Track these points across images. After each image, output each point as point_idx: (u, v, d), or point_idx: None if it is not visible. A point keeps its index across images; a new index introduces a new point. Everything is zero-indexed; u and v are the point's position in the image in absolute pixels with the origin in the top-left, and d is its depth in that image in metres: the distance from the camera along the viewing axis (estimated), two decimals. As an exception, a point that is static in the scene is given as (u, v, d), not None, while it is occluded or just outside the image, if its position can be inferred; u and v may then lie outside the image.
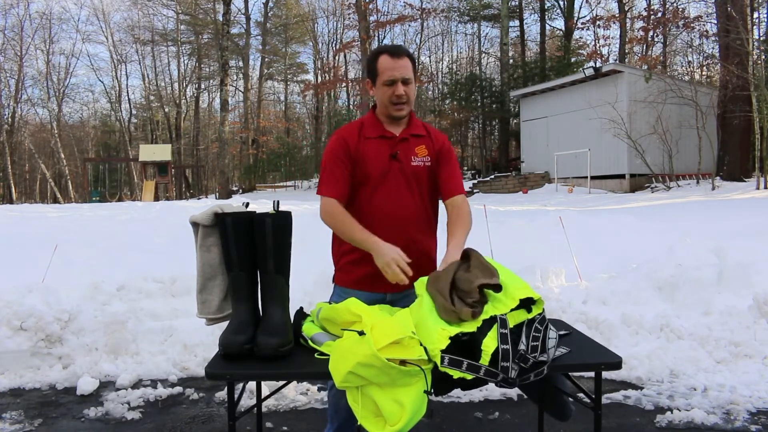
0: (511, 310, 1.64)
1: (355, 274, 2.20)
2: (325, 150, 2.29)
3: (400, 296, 2.20)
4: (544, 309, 1.73)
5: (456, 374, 1.52)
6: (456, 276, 1.79)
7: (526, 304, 1.70)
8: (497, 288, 1.71)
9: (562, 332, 1.96)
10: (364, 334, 1.54)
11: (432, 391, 1.60)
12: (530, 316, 1.68)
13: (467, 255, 1.91)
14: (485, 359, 1.52)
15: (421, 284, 1.85)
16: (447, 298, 1.69)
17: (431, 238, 2.33)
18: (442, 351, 1.52)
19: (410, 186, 2.22)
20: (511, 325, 1.62)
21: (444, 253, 2.04)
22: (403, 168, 2.21)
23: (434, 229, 2.36)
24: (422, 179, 2.25)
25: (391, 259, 1.97)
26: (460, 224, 2.17)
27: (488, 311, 1.62)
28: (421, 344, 1.58)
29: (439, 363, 1.52)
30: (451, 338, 1.54)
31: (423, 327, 1.61)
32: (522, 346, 1.55)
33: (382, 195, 2.20)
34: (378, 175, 2.20)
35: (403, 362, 1.52)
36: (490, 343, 1.54)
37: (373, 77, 2.21)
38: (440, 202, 2.33)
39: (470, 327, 1.58)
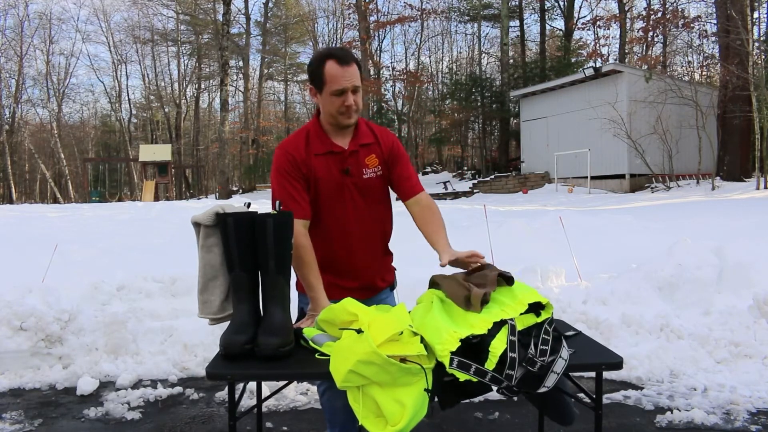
0: (520, 314, 1.65)
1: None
2: (273, 167, 2.13)
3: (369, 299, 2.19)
4: (552, 314, 1.73)
5: (463, 377, 1.52)
6: (468, 275, 1.85)
7: (535, 309, 1.70)
8: (510, 280, 1.77)
9: (569, 333, 1.95)
10: (362, 332, 1.54)
11: (436, 398, 1.59)
12: (539, 320, 1.67)
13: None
14: (492, 362, 1.51)
15: (430, 293, 1.86)
16: (461, 282, 1.77)
17: (388, 249, 2.32)
18: (452, 353, 1.52)
19: (366, 200, 2.17)
20: (520, 327, 1.61)
21: (439, 255, 2.01)
22: (356, 182, 2.14)
23: (389, 239, 2.32)
24: (376, 191, 2.19)
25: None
26: (437, 223, 2.14)
27: (498, 314, 1.62)
28: (421, 341, 1.58)
29: (447, 364, 1.52)
30: (461, 340, 1.54)
31: (433, 328, 1.61)
32: (531, 351, 1.55)
33: (340, 212, 2.15)
34: (332, 192, 2.13)
35: (403, 360, 1.52)
36: (498, 345, 1.53)
37: (318, 84, 2.04)
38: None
39: (481, 329, 1.58)
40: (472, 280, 1.80)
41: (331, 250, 2.17)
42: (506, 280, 1.78)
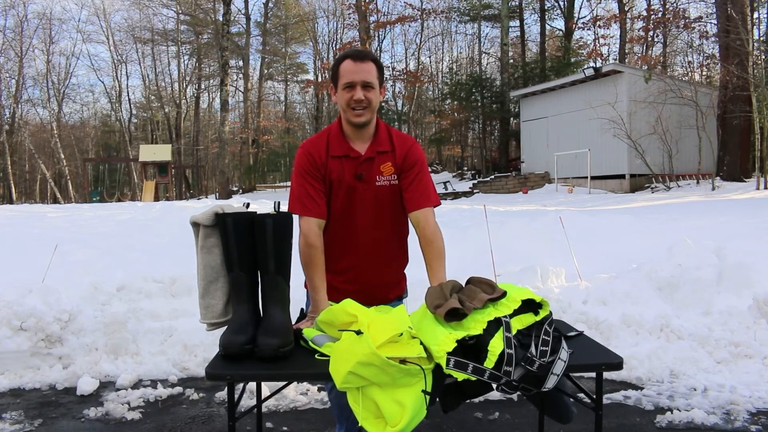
0: (515, 311, 1.64)
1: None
2: (294, 166, 2.17)
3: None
4: (551, 312, 1.72)
5: (461, 376, 1.52)
6: (462, 286, 1.78)
7: (532, 307, 1.69)
8: (501, 296, 1.71)
9: (571, 333, 1.95)
10: (362, 333, 1.54)
11: (438, 399, 1.59)
12: (538, 318, 1.67)
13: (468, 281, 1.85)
14: (491, 360, 1.51)
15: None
16: (443, 291, 1.70)
17: (401, 258, 2.30)
18: (449, 353, 1.52)
19: (378, 208, 2.15)
20: (520, 327, 1.61)
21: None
22: (368, 189, 2.13)
23: (405, 247, 2.30)
24: (388, 199, 2.16)
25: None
26: (434, 255, 2.07)
27: (492, 313, 1.62)
28: (421, 343, 1.58)
29: (444, 365, 1.52)
30: (457, 341, 1.54)
31: (429, 330, 1.61)
32: (531, 351, 1.55)
33: (349, 217, 2.14)
34: (344, 197, 2.12)
35: (402, 361, 1.52)
36: (497, 344, 1.53)
37: (335, 82, 2.10)
38: None
39: (476, 329, 1.58)
40: (462, 293, 1.73)
41: (338, 254, 2.17)
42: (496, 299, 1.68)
